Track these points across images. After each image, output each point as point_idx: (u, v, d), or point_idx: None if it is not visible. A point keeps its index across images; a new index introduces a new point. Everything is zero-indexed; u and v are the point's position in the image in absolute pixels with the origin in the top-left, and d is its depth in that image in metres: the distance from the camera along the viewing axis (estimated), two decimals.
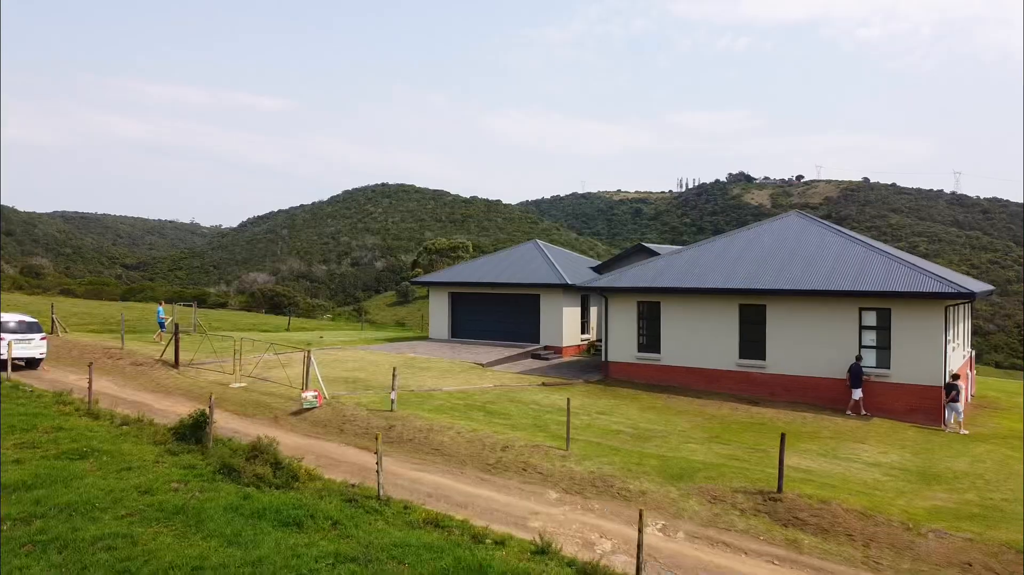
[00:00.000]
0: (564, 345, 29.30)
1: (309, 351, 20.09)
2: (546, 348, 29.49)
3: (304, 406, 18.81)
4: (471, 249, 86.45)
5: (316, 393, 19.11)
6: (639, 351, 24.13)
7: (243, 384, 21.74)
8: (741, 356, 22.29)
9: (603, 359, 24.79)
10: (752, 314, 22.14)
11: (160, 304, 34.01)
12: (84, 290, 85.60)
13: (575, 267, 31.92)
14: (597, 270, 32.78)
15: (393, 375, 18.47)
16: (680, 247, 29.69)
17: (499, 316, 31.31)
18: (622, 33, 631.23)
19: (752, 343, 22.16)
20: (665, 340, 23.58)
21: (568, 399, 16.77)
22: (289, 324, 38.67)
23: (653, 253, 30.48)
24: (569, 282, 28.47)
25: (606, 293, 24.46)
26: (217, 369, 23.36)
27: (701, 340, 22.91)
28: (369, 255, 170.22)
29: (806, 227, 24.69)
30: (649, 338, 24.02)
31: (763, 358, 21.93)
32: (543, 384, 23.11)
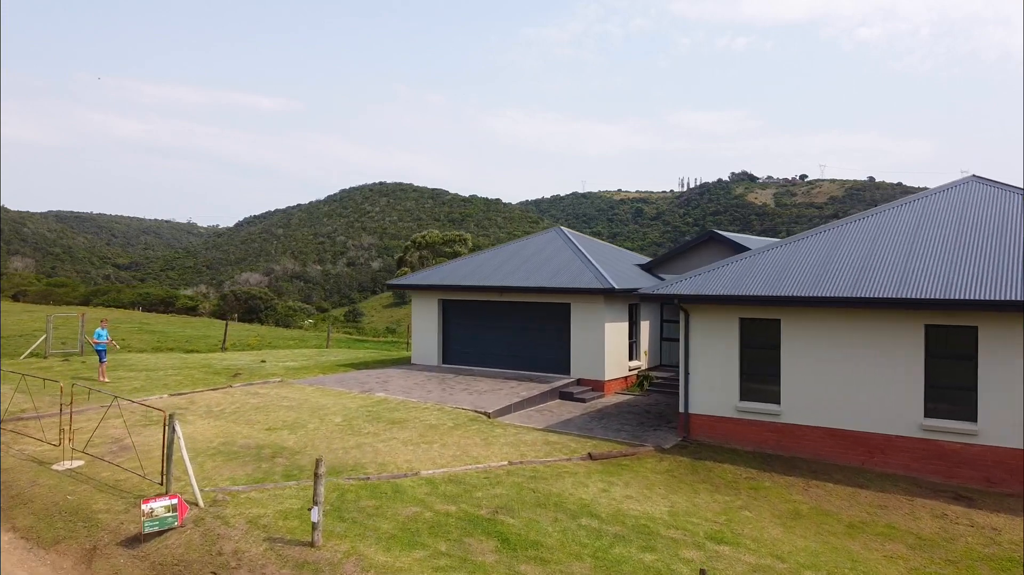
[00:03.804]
0: (607, 378, 20.14)
1: (171, 415, 10.94)
2: (580, 382, 20.34)
3: (145, 529, 9.70)
4: (470, 244, 75.41)
5: (175, 500, 10.00)
6: (742, 399, 14.99)
7: (76, 464, 12.62)
8: (929, 414, 13.17)
9: (681, 409, 15.66)
10: (950, 341, 13.03)
11: (101, 323, 20.82)
12: (36, 292, 76.69)
13: (615, 264, 22.78)
14: (648, 268, 23.67)
15: (316, 474, 9.32)
16: (773, 239, 20.48)
17: (510, 334, 22.17)
18: (621, 32, 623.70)
19: (949, 391, 13.03)
20: (788, 382, 14.46)
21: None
22: (225, 341, 29.36)
23: (735, 245, 21.33)
24: (616, 286, 19.32)
25: (687, 304, 15.33)
26: (41, 435, 14.13)
27: (853, 384, 13.79)
28: (365, 255, 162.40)
29: (1003, 199, 15.53)
30: (759, 378, 14.89)
31: (971, 418, 12.80)
32: (590, 456, 13.96)
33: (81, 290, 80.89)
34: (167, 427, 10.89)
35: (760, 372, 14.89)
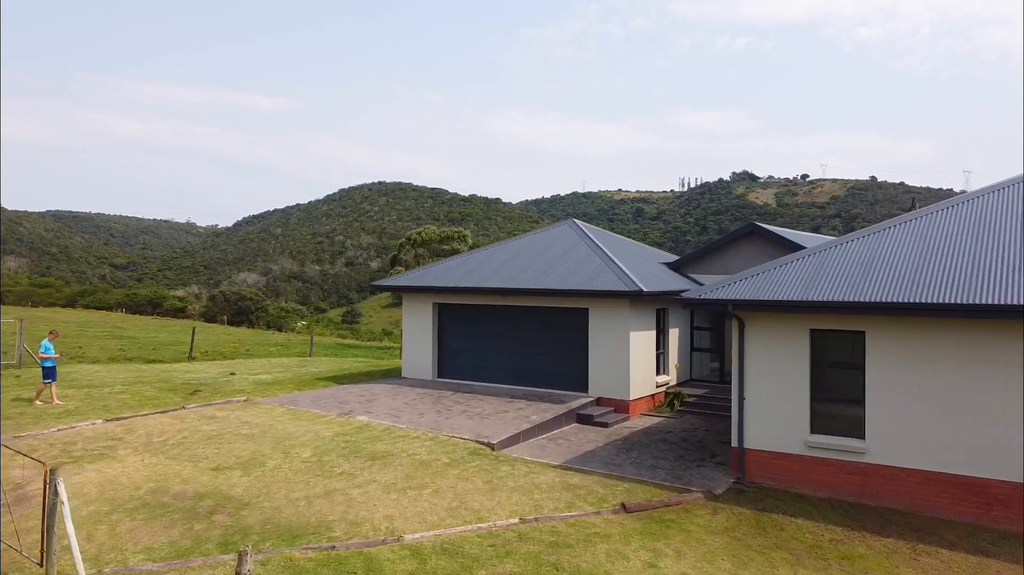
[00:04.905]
0: (632, 398, 17.06)
1: (52, 471, 7.89)
2: (600, 402, 17.26)
3: None
4: (469, 243, 70.71)
5: None
6: (813, 431, 11.91)
7: None
8: None
9: (734, 442, 12.58)
10: None
11: (50, 335, 17.19)
12: (18, 292, 73.76)
13: (638, 262, 19.67)
14: (676, 268, 20.59)
15: (241, 561, 6.23)
16: (824, 236, 17.37)
17: (517, 344, 19.09)
18: (621, 32, 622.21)
19: None
20: (875, 412, 11.38)
21: None
22: (192, 349, 26.24)
23: (782, 241, 18.22)
24: (644, 288, 16.25)
25: (743, 311, 12.24)
26: None
27: (963, 415, 10.72)
28: (364, 255, 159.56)
29: None
30: (836, 405, 11.81)
31: None
32: (623, 508, 10.87)
33: (66, 291, 78.01)
34: (47, 487, 7.84)
35: (837, 398, 11.81)
